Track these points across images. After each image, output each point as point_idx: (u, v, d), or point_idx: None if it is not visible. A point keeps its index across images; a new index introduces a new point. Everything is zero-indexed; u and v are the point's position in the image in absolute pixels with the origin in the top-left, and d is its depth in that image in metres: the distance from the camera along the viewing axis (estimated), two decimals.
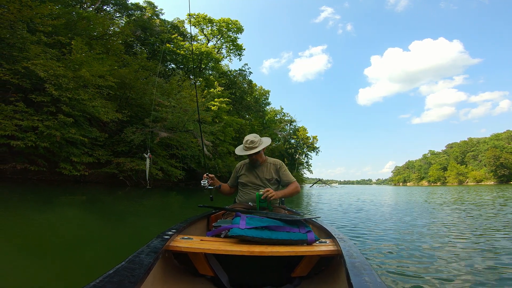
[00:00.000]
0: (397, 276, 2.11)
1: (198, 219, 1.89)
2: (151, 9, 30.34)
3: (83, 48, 10.74)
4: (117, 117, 10.90)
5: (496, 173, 69.19)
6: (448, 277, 2.11)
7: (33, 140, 7.73)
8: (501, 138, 79.19)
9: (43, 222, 3.89)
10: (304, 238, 1.26)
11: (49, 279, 1.87)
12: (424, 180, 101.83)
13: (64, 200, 6.57)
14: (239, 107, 31.44)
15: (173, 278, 1.23)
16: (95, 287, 0.68)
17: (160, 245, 1.09)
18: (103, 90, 10.56)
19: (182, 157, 16.08)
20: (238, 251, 1.16)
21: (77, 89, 9.25)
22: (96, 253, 2.54)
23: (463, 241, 3.44)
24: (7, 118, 7.71)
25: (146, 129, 13.55)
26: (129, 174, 12.58)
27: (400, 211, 7.18)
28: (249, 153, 2.08)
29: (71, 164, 9.20)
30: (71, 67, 9.85)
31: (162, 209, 6.92)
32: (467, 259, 2.58)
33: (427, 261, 2.52)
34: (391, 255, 2.72)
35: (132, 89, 14.63)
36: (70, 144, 9.29)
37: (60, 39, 11.13)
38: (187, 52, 26.39)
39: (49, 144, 8.11)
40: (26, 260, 2.21)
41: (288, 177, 2.16)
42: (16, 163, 8.03)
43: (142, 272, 0.81)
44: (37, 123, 7.98)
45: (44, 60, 8.79)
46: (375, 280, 0.79)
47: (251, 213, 1.56)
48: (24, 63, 8.46)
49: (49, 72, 8.53)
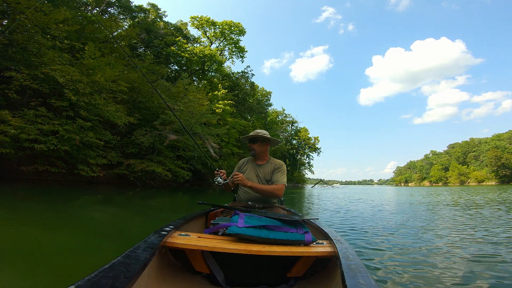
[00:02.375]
0: (392, 279, 2.13)
1: (196, 216, 1.89)
2: (154, 11, 30.83)
3: (96, 53, 11.23)
4: (130, 121, 11.36)
5: (498, 174, 69.25)
6: (444, 280, 2.12)
7: (54, 144, 8.21)
8: (502, 138, 79.29)
9: (86, 216, 4.45)
10: (302, 238, 1.27)
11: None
12: (425, 181, 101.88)
13: (85, 199, 7.06)
14: (242, 108, 31.94)
15: (169, 274, 1.23)
16: (89, 281, 0.67)
17: (157, 240, 1.09)
18: (117, 95, 11.03)
19: (188, 159, 16.57)
20: (235, 249, 1.17)
21: (93, 94, 9.74)
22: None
23: (461, 243, 3.42)
24: (29, 122, 8.19)
25: (155, 132, 14.05)
26: (139, 175, 13.06)
27: (398, 212, 7.16)
28: (260, 134, 2.12)
29: (88, 166, 9.68)
30: (84, 72, 10.35)
31: (176, 206, 7.43)
32: (465, 262, 2.58)
33: (423, 264, 2.54)
34: (387, 258, 2.74)
35: (140, 93, 15.13)
36: (86, 147, 9.77)
37: (74, 44, 11.61)
38: (191, 54, 26.89)
39: (69, 147, 8.59)
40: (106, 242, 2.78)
41: (277, 178, 2.12)
42: (38, 165, 8.52)
43: (137, 268, 0.81)
44: (57, 127, 8.46)
45: (61, 65, 9.26)
46: (369, 282, 0.80)
47: (249, 211, 1.58)
48: (42, 68, 8.94)
49: (66, 78, 9.00)
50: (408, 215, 6.51)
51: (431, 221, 5.55)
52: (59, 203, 5.76)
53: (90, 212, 5.04)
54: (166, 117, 13.94)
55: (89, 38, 14.35)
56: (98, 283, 0.67)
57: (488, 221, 5.29)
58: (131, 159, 13.05)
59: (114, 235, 3.32)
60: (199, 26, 32.39)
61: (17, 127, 7.64)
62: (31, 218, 3.88)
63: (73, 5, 17.26)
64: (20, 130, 7.69)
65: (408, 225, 4.92)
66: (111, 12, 25.32)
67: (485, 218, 5.67)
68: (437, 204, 9.73)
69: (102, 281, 0.68)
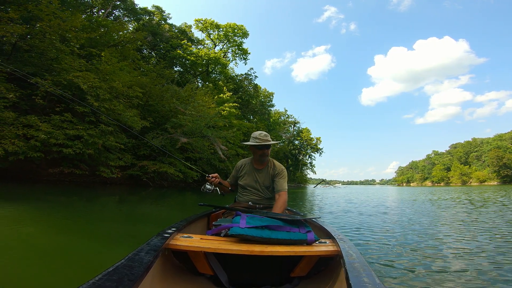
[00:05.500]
0: (396, 277, 2.12)
1: (198, 218, 1.89)
2: (159, 14, 31.41)
3: (112, 59, 11.83)
4: (145, 124, 11.98)
5: (499, 174, 69.39)
6: (448, 277, 2.11)
7: (80, 148, 8.85)
8: (504, 138, 79.48)
9: (119, 212, 5.03)
10: (304, 238, 1.27)
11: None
12: (427, 181, 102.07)
13: (105, 199, 7.62)
14: (246, 110, 32.56)
15: (172, 276, 1.23)
16: (94, 284, 0.68)
17: (160, 243, 1.10)
18: (133, 100, 11.65)
19: (196, 160, 17.20)
20: (238, 250, 1.17)
21: (112, 100, 10.36)
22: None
23: (464, 242, 3.43)
24: (56, 127, 8.82)
25: (166, 134, 14.68)
26: (151, 175, 13.70)
27: (400, 212, 7.22)
28: (263, 143, 2.03)
29: (108, 168, 10.32)
30: (101, 77, 10.89)
31: (189, 204, 8.05)
32: (468, 260, 2.58)
33: (427, 262, 2.55)
34: (390, 256, 2.74)
35: (150, 97, 15.75)
36: (106, 150, 10.41)
37: (91, 51, 12.20)
38: (197, 57, 27.50)
39: (93, 150, 9.23)
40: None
41: (280, 186, 2.05)
42: (63, 167, 9.16)
43: (141, 270, 0.82)
44: (81, 132, 9.08)
45: (83, 72, 9.87)
46: (374, 281, 0.80)
47: (251, 212, 1.58)
48: (64, 74, 9.50)
49: (88, 84, 9.61)
50: (411, 215, 6.46)
51: (435, 220, 5.54)
52: (83, 202, 6.30)
53: (139, 208, 5.64)
54: (177, 120, 14.55)
55: (99, 42, 14.84)
56: (102, 286, 0.68)
57: (493, 221, 5.23)
58: (144, 161, 13.68)
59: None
60: (203, 29, 32.97)
61: (46, 132, 8.27)
62: (71, 216, 4.36)
63: (82, 8, 17.80)
64: (49, 135, 8.33)
65: (412, 224, 4.91)
66: (116, 15, 25.86)
67: (490, 218, 5.63)
68: (441, 203, 9.87)
69: (106, 284, 0.69)
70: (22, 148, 7.80)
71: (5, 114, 8.23)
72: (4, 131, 7.96)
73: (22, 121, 8.55)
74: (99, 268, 0.87)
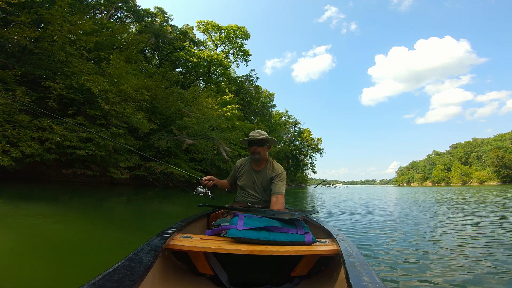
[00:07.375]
0: (396, 276, 2.12)
1: (198, 218, 1.90)
2: (161, 15, 31.71)
3: (120, 62, 12.17)
4: (152, 127, 12.34)
5: (500, 174, 69.58)
6: (448, 277, 2.11)
7: (92, 150, 9.21)
8: (505, 138, 79.70)
9: (135, 212, 5.37)
10: (302, 239, 1.27)
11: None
12: (428, 181, 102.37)
13: (116, 200, 7.92)
14: (247, 111, 32.93)
15: (172, 276, 1.24)
16: (95, 285, 0.68)
17: (160, 243, 1.10)
18: (141, 104, 12.02)
19: (199, 160, 17.57)
20: (238, 250, 1.17)
21: (121, 103, 10.73)
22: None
23: (464, 241, 3.45)
24: (68, 130, 9.19)
25: (172, 136, 15.05)
26: (158, 176, 14.06)
27: (400, 211, 7.26)
28: (253, 138, 2.01)
29: (118, 169, 10.68)
30: (110, 81, 11.18)
31: (194, 202, 8.41)
32: (468, 260, 2.59)
33: (427, 261, 2.55)
34: (390, 255, 2.75)
35: (156, 99, 16.11)
36: (116, 151, 10.78)
37: (99, 54, 12.53)
38: (199, 59, 27.85)
39: (104, 152, 9.59)
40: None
41: (278, 189, 2.00)
42: (76, 168, 9.53)
43: (141, 271, 0.82)
44: (93, 134, 9.41)
45: (93, 76, 10.22)
46: (374, 280, 0.80)
47: (249, 211, 1.59)
48: (75, 78, 9.81)
49: (99, 88, 9.96)
50: (411, 214, 6.47)
51: (436, 219, 5.56)
52: (96, 202, 6.60)
53: (152, 206, 5.94)
54: (182, 122, 14.92)
55: (104, 44, 15.03)
56: (103, 287, 0.68)
57: (493, 220, 5.26)
58: (151, 162, 14.04)
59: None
60: (205, 30, 33.30)
61: (61, 135, 8.64)
62: (90, 214, 4.70)
63: (87, 10, 18.07)
64: (63, 138, 8.69)
65: (412, 223, 4.94)
66: (119, 16, 26.11)
67: (490, 217, 5.68)
68: (442, 203, 10.01)
69: (107, 284, 0.70)
70: (38, 150, 8.16)
71: (20, 117, 8.60)
72: (21, 134, 8.32)
73: (36, 124, 8.91)
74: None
